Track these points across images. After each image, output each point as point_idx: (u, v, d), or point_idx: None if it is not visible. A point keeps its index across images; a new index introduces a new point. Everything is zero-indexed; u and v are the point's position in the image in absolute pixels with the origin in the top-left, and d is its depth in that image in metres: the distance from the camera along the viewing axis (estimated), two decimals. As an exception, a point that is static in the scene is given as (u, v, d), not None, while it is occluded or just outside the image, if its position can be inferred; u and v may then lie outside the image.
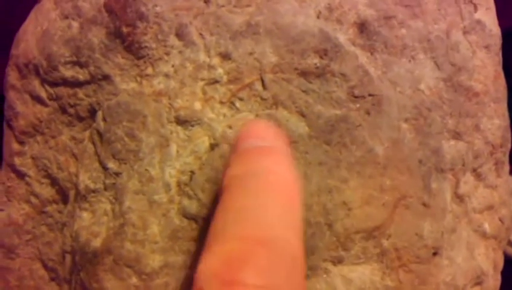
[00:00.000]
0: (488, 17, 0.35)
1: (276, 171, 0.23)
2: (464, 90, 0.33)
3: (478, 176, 0.34)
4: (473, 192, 0.33)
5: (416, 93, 0.31)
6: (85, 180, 0.29)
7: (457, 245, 0.32)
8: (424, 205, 0.30)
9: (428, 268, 0.30)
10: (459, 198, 0.32)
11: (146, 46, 0.29)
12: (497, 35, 0.35)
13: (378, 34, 0.31)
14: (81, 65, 0.31)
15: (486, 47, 0.35)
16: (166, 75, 0.29)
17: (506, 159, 0.36)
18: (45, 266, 0.36)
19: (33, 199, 0.35)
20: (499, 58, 0.35)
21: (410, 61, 0.31)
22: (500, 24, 0.36)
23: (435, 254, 0.30)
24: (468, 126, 0.33)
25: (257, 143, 0.24)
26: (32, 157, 0.35)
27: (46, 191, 0.35)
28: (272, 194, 0.22)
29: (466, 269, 0.32)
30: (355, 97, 0.29)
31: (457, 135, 0.32)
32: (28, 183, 0.35)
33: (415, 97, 0.31)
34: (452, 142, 0.32)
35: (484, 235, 0.34)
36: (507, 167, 0.36)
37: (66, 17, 0.32)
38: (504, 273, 0.36)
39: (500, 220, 0.35)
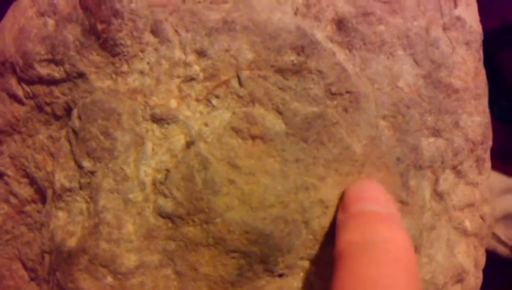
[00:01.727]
0: (468, 13, 0.34)
1: (395, 240, 0.24)
2: (444, 87, 0.33)
3: (458, 173, 0.33)
4: (453, 189, 0.33)
5: (394, 90, 0.31)
6: (61, 179, 0.29)
7: (437, 243, 0.32)
8: (402, 202, 0.29)
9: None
10: (438, 195, 0.32)
11: (121, 43, 0.29)
12: (478, 32, 0.35)
13: (356, 30, 0.31)
14: (57, 63, 0.30)
15: (467, 43, 0.34)
16: (142, 73, 0.29)
17: (487, 156, 0.36)
18: (25, 266, 0.36)
19: (12, 199, 0.35)
20: (479, 55, 0.35)
21: (388, 58, 0.31)
22: (486, 24, 0.36)
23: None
24: (448, 123, 0.33)
25: (371, 207, 0.25)
26: (10, 157, 0.34)
27: (25, 191, 0.35)
28: (394, 265, 0.23)
29: (446, 266, 0.32)
30: (333, 94, 0.29)
31: (436, 132, 0.32)
32: (6, 183, 0.35)
33: (393, 94, 0.31)
34: (431, 139, 0.32)
35: (465, 232, 0.34)
36: (488, 164, 0.36)
37: (42, 15, 0.32)
38: (497, 271, 0.36)
39: (481, 217, 0.35)
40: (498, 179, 0.72)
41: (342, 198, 0.27)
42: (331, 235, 0.28)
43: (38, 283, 0.35)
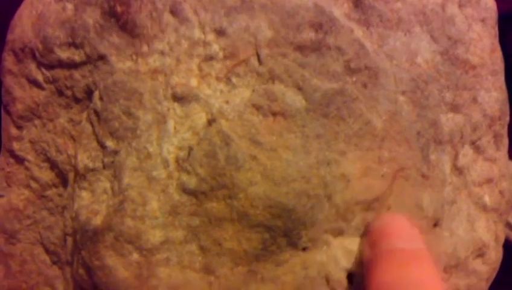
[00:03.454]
0: (483, -10, 0.34)
1: (430, 282, 0.24)
2: (461, 63, 0.33)
3: (477, 148, 0.34)
4: (472, 165, 0.33)
5: (412, 66, 0.31)
6: (84, 159, 0.29)
7: (458, 217, 0.32)
8: (423, 176, 0.30)
9: (429, 239, 0.30)
10: (458, 170, 0.32)
11: (141, 25, 0.29)
12: (493, 9, 0.35)
13: (373, 8, 0.31)
14: (77, 46, 0.31)
15: (482, 20, 0.34)
16: (162, 53, 0.29)
17: (505, 132, 0.36)
18: (47, 250, 0.36)
19: (33, 184, 0.36)
20: (495, 31, 0.35)
21: (406, 34, 0.31)
22: (499, 7, 0.36)
23: (435, 225, 0.30)
24: (466, 99, 0.33)
25: (399, 244, 0.25)
26: (31, 142, 0.35)
27: (46, 175, 0.35)
28: None
29: (467, 240, 0.32)
30: (352, 70, 0.29)
31: (454, 108, 0.32)
32: (27, 168, 0.35)
33: (411, 70, 0.31)
34: (450, 114, 0.32)
35: (484, 208, 0.34)
36: (506, 140, 0.36)
37: (61, 0, 0.32)
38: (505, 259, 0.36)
39: (500, 193, 0.35)
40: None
41: (367, 232, 0.28)
42: (353, 209, 0.28)
43: (61, 267, 0.36)
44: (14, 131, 0.35)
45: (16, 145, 0.35)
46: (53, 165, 0.34)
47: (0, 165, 0.37)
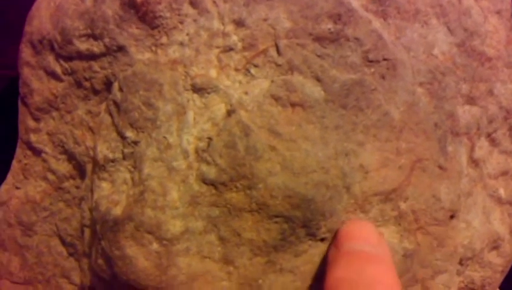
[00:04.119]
0: (499, -18, 0.35)
1: (385, 282, 0.24)
2: (477, 55, 0.33)
3: (492, 141, 0.34)
4: (488, 157, 0.33)
5: (430, 58, 0.31)
6: (103, 150, 0.30)
7: (474, 209, 0.32)
8: (441, 167, 0.30)
9: (445, 230, 0.30)
10: (474, 162, 0.32)
11: (160, 16, 0.29)
12: (508, 1, 0.35)
13: None
14: (96, 37, 0.31)
15: (498, 12, 0.34)
16: (181, 44, 0.29)
17: (521, 125, 0.36)
18: (63, 242, 0.36)
19: (50, 176, 0.36)
20: (510, 23, 0.35)
21: (423, 26, 0.31)
22: None
23: (452, 216, 0.30)
24: (482, 91, 0.33)
25: (363, 247, 0.26)
26: (48, 134, 0.35)
27: (63, 167, 0.35)
28: None
29: (483, 233, 0.32)
30: (370, 61, 0.29)
31: (471, 100, 0.32)
32: (44, 160, 0.36)
33: (428, 62, 0.31)
34: (466, 106, 0.32)
35: (499, 200, 0.34)
36: (521, 133, 0.36)
37: (79, -9, 0.32)
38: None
39: (515, 186, 0.35)
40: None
41: (335, 234, 0.28)
42: (371, 199, 0.28)
43: (77, 258, 0.36)
44: (31, 123, 0.35)
45: (33, 137, 0.35)
46: (70, 156, 0.34)
47: (17, 157, 0.37)
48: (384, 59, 0.29)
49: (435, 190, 0.29)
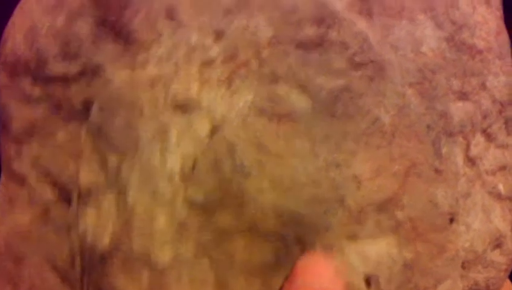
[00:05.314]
0: (486, -30, 0.33)
1: None
2: (467, 48, 0.32)
3: (488, 136, 0.33)
4: (485, 153, 0.32)
5: (418, 56, 0.30)
6: (86, 176, 0.29)
7: (473, 210, 0.31)
8: (436, 171, 0.29)
9: (445, 236, 0.29)
10: (470, 161, 0.31)
11: (136, 31, 0.28)
12: (497, -11, 0.34)
13: None
14: (72, 58, 0.30)
15: (487, 2, 0.33)
16: (160, 59, 0.28)
17: (516, 117, 0.35)
18: (56, 270, 0.35)
19: (36, 203, 0.35)
20: (500, 12, 0.34)
21: (410, 22, 0.30)
22: None
23: (451, 220, 0.29)
24: (474, 85, 0.32)
25: (315, 283, 0.26)
26: (31, 160, 0.34)
27: (49, 194, 0.34)
28: None
29: (483, 233, 0.31)
30: (357, 65, 0.28)
31: (463, 96, 0.31)
32: (29, 188, 0.34)
33: (417, 60, 0.30)
34: (459, 103, 0.31)
35: (499, 196, 0.33)
36: (517, 125, 0.35)
37: (52, 11, 0.31)
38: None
39: (515, 180, 0.34)
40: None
41: (291, 270, 0.27)
42: (367, 210, 0.27)
43: (70, 285, 0.35)
44: (12, 150, 0.34)
45: (15, 165, 0.34)
46: (55, 182, 0.33)
47: (2, 184, 0.36)
48: (372, 61, 0.28)
49: (431, 195, 0.28)
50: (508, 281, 0.36)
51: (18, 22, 0.32)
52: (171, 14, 0.28)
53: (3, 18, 0.35)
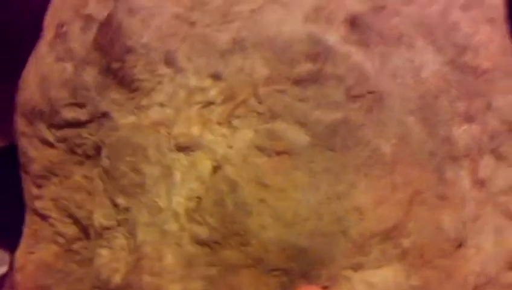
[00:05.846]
0: (486, -12, 0.33)
1: None
2: (471, 69, 0.31)
3: (498, 156, 0.32)
4: (495, 174, 0.32)
5: (419, 82, 0.30)
6: (99, 217, 0.30)
7: (484, 232, 0.31)
8: (441, 197, 0.29)
9: (454, 261, 0.29)
10: (479, 183, 0.31)
11: (138, 78, 0.29)
12: (499, 6, 0.33)
13: (371, 26, 0.30)
14: (80, 105, 0.31)
15: (490, 20, 0.33)
16: (161, 104, 0.29)
17: (528, 133, 0.34)
18: (80, 302, 0.37)
19: (59, 239, 0.36)
20: (504, 29, 0.34)
21: (408, 49, 0.30)
22: None
23: (459, 245, 0.29)
24: (480, 106, 0.31)
25: None
26: (52, 199, 0.35)
27: (70, 230, 0.36)
28: None
29: (496, 254, 0.31)
30: (354, 97, 0.28)
31: (469, 118, 0.31)
32: (51, 224, 0.36)
33: (418, 87, 0.30)
34: (465, 126, 0.31)
35: (512, 215, 0.33)
36: (530, 142, 0.35)
37: (61, 60, 0.32)
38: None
39: (529, 198, 0.33)
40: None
41: None
42: (371, 241, 0.28)
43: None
44: (34, 190, 0.36)
45: (38, 204, 0.36)
46: (75, 220, 0.35)
47: (27, 223, 0.38)
48: (369, 92, 0.29)
49: (437, 221, 0.28)
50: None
51: (32, 72, 0.34)
52: (169, 60, 0.29)
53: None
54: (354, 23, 0.30)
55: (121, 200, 0.29)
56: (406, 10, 0.31)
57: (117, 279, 0.29)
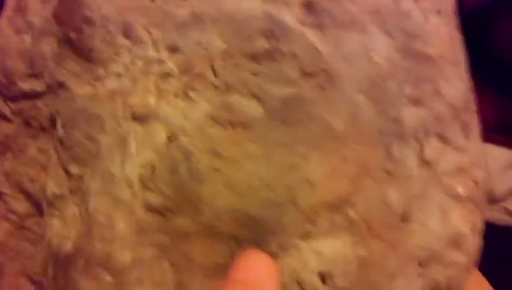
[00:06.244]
0: (436, -19, 0.35)
1: None
2: (420, 56, 0.33)
3: (444, 139, 0.34)
4: (441, 156, 0.33)
5: (369, 65, 0.31)
6: (51, 187, 0.30)
7: (429, 210, 0.32)
8: (388, 173, 0.30)
9: (399, 235, 0.30)
10: (426, 163, 0.32)
11: (95, 49, 0.29)
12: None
13: (325, 10, 0.31)
14: (37, 76, 0.31)
15: (439, 11, 0.35)
16: (118, 75, 0.29)
17: (474, 121, 0.36)
18: (31, 280, 0.36)
19: (11, 216, 0.36)
20: (453, 21, 0.35)
21: (361, 34, 0.32)
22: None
23: (404, 219, 0.30)
24: (427, 91, 0.33)
25: (251, 278, 0.26)
26: (5, 175, 0.35)
27: (23, 206, 0.35)
28: None
29: (440, 232, 0.32)
30: (308, 74, 0.29)
31: (416, 101, 0.32)
32: (4, 201, 0.36)
33: (369, 69, 0.31)
34: (412, 108, 0.32)
35: (458, 198, 0.34)
36: (476, 129, 0.36)
37: (19, 32, 0.32)
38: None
39: (474, 182, 0.35)
40: (501, 154, 0.71)
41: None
42: (320, 211, 0.28)
43: (45, 294, 0.36)
44: (-12, 166, 0.35)
45: (-9, 180, 0.35)
46: (28, 195, 0.34)
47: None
48: (322, 71, 0.30)
49: (383, 195, 0.29)
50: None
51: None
52: (127, 32, 0.29)
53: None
54: (309, 6, 0.31)
55: (74, 169, 0.29)
56: (360, -3, 0.32)
57: (68, 247, 0.28)
